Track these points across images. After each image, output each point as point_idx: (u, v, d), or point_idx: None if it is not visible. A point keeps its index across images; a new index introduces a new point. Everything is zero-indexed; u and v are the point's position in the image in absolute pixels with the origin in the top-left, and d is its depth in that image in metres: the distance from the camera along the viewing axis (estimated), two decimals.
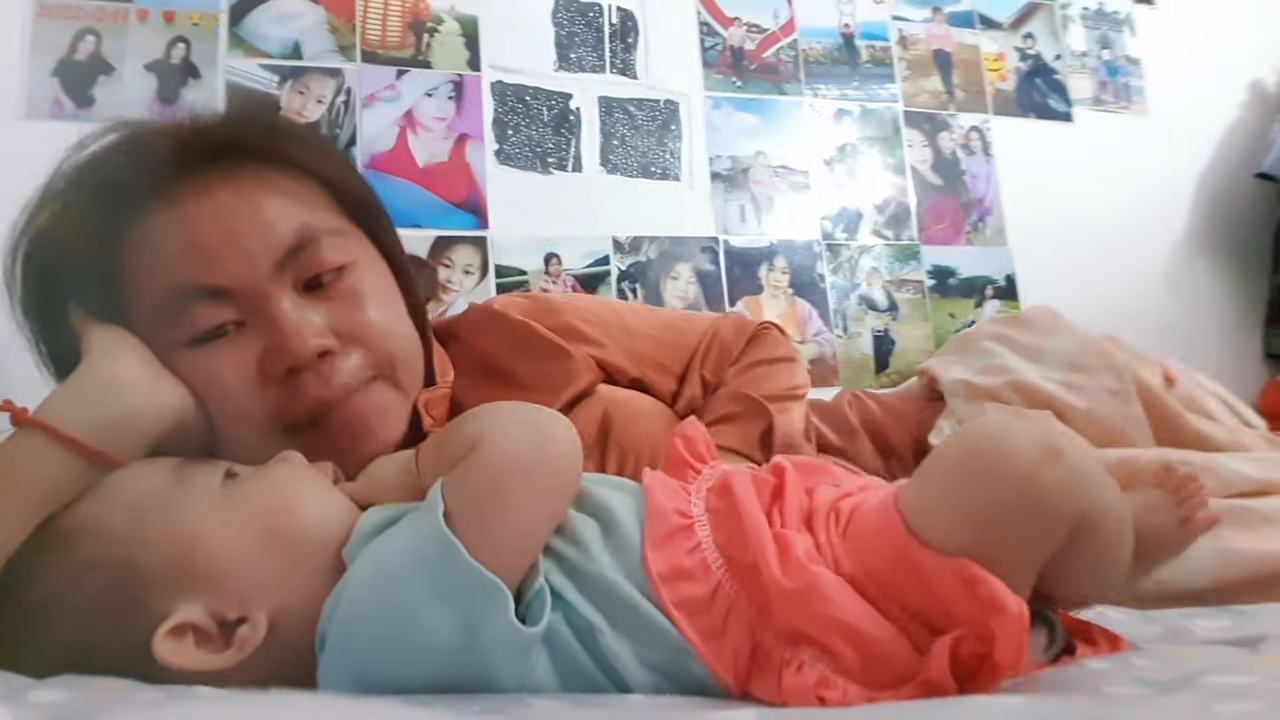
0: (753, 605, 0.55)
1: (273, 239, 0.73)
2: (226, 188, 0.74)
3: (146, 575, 0.55)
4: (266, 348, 0.71)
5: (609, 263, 1.86)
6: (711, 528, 0.58)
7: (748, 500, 0.58)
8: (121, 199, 0.73)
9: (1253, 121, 2.43)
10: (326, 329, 0.73)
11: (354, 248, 0.79)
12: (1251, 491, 0.90)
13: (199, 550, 0.56)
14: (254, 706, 0.45)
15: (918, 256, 2.11)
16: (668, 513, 0.58)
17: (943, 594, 0.52)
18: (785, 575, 0.54)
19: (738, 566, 0.56)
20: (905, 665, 0.52)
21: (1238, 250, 2.37)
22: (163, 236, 0.72)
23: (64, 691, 0.48)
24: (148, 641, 0.53)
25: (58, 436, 0.64)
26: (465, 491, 0.54)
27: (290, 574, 0.57)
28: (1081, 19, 2.40)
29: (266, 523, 0.58)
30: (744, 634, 0.55)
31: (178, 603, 0.55)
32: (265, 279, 0.72)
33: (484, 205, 1.81)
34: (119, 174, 0.74)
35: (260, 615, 0.55)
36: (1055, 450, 0.52)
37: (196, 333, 0.72)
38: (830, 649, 0.53)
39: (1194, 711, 0.44)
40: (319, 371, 0.72)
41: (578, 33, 1.96)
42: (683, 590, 0.55)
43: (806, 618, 0.53)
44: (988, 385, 1.06)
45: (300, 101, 1.74)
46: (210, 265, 0.71)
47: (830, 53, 2.16)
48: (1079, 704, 0.47)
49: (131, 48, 1.65)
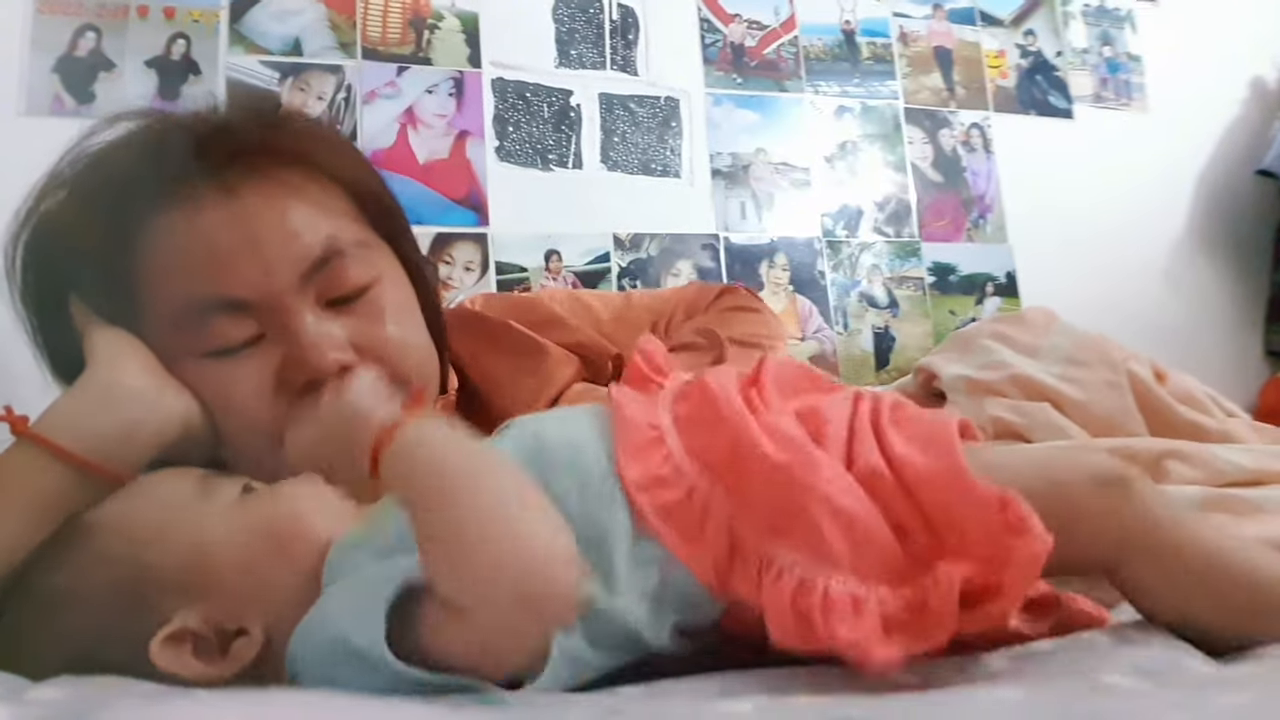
0: (730, 497, 0.55)
1: (298, 250, 0.71)
2: (251, 191, 0.71)
3: (157, 576, 0.56)
4: (286, 359, 0.70)
5: (609, 260, 1.86)
6: (681, 435, 0.58)
7: (724, 388, 0.59)
8: (135, 192, 0.70)
9: (1254, 118, 2.43)
10: (347, 343, 0.72)
11: (378, 260, 0.77)
12: (1245, 481, 0.91)
13: (207, 557, 0.57)
14: (253, 704, 0.45)
15: (918, 253, 2.11)
16: (639, 425, 0.58)
17: (967, 510, 0.52)
18: (777, 448, 0.55)
19: (712, 464, 0.56)
20: (895, 561, 0.53)
21: (1238, 247, 2.37)
22: (181, 239, 0.70)
23: (63, 690, 0.48)
24: (149, 641, 0.53)
25: (59, 453, 0.62)
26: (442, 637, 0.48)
27: (291, 587, 0.56)
28: (1082, 16, 2.40)
29: (273, 534, 0.58)
30: (722, 533, 0.55)
31: (181, 607, 0.55)
32: (288, 292, 0.70)
33: (484, 202, 1.81)
34: (134, 166, 0.71)
35: (258, 629, 0.55)
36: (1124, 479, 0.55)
37: (215, 346, 0.70)
38: (814, 534, 0.53)
39: (1190, 702, 0.44)
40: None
41: (578, 29, 1.96)
42: (660, 496, 0.56)
43: (794, 493, 0.53)
44: (988, 380, 1.07)
45: (301, 98, 1.74)
46: (232, 277, 0.69)
47: (831, 49, 2.16)
48: (1077, 696, 0.47)
49: (132, 44, 1.65)
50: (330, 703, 0.46)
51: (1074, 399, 1.03)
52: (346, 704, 0.46)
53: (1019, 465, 0.57)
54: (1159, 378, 1.05)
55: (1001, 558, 0.50)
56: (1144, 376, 1.04)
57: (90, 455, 0.63)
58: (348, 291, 0.73)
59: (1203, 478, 0.91)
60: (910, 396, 1.18)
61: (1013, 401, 1.04)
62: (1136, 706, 0.44)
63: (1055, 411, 1.02)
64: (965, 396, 1.08)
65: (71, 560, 0.58)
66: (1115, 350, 1.07)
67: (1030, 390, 1.04)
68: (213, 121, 0.75)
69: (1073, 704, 0.45)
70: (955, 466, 0.54)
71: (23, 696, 0.47)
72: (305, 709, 0.44)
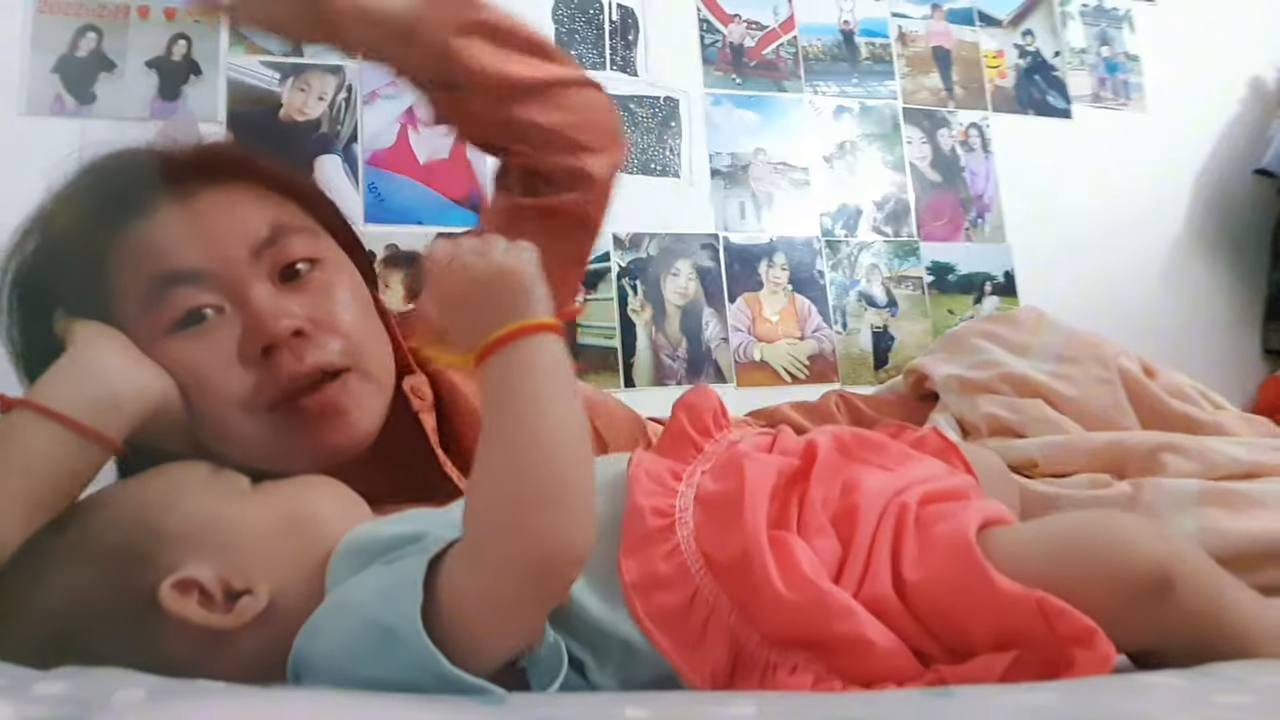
0: (736, 607, 0.53)
1: (249, 229, 0.77)
2: (206, 191, 0.78)
3: (165, 535, 0.58)
4: (244, 328, 0.74)
5: (609, 259, 1.87)
6: (695, 523, 0.56)
7: (755, 489, 0.55)
8: (105, 212, 0.76)
9: (1252, 118, 2.43)
10: (301, 315, 0.76)
11: (323, 245, 0.82)
12: (1240, 474, 0.91)
13: (222, 522, 0.60)
14: (255, 703, 0.45)
15: (917, 253, 2.11)
16: (644, 513, 0.56)
17: (1003, 616, 0.50)
18: (787, 586, 0.52)
19: (720, 567, 0.54)
20: (909, 673, 0.52)
21: (1236, 246, 2.37)
22: (145, 234, 0.76)
23: (67, 685, 0.48)
24: (150, 598, 0.55)
25: (48, 414, 0.66)
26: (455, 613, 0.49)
27: (298, 560, 0.58)
28: (1080, 16, 2.40)
29: (287, 509, 0.62)
30: (724, 640, 0.53)
31: (189, 561, 0.57)
32: (242, 264, 0.75)
33: (485, 202, 1.80)
34: (101, 190, 0.78)
35: (264, 590, 0.57)
36: (1167, 581, 0.52)
37: (177, 316, 0.74)
38: (826, 657, 0.52)
39: (1193, 702, 0.44)
40: (293, 349, 0.74)
41: (578, 30, 1.96)
42: (656, 600, 0.53)
43: (809, 629, 0.51)
44: (979, 379, 1.07)
45: (302, 99, 1.74)
46: (188, 251, 0.75)
47: (830, 50, 2.16)
48: (1077, 692, 0.47)
49: (133, 44, 1.65)
50: (333, 703, 0.47)
51: (1066, 395, 1.03)
52: (350, 703, 0.47)
53: (1043, 563, 0.53)
54: (1148, 373, 1.05)
55: (1064, 663, 0.49)
56: (1135, 372, 1.04)
57: (77, 418, 0.66)
58: (296, 260, 0.78)
59: (1198, 470, 0.91)
60: (902, 399, 1.19)
61: (1006, 398, 1.04)
62: (1141, 703, 0.44)
63: (1048, 407, 1.02)
64: (958, 396, 1.09)
65: (80, 523, 0.61)
66: (1105, 347, 1.07)
67: (1022, 388, 1.05)
68: (166, 150, 0.82)
69: (1074, 699, 0.45)
70: (979, 579, 0.52)
71: (27, 692, 0.47)
72: (309, 709, 0.45)
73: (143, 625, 0.56)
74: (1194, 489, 0.87)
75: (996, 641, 0.51)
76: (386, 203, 1.74)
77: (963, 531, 0.54)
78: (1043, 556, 0.53)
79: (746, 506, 0.55)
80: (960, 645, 0.52)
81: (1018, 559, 0.53)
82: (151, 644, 0.56)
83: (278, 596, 0.57)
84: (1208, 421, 1.00)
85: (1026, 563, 0.52)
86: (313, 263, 0.79)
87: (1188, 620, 0.54)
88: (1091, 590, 0.51)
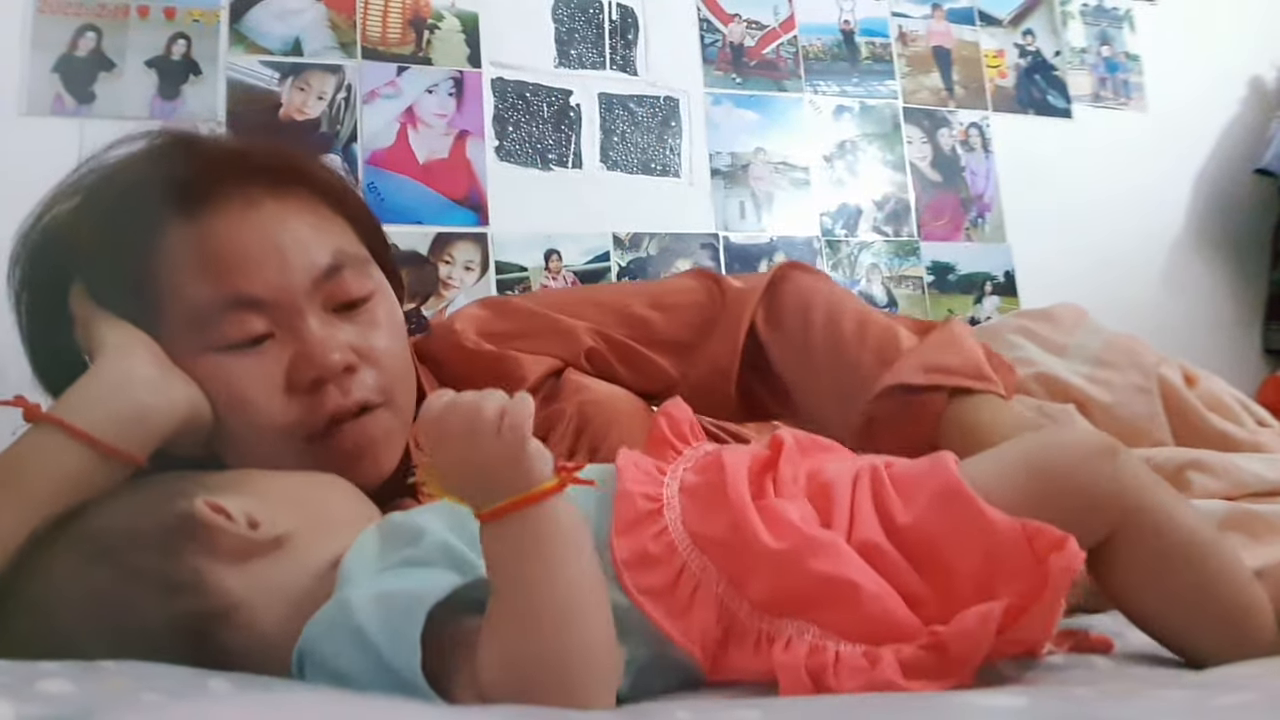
0: (724, 577, 0.55)
1: (312, 258, 0.76)
2: (271, 203, 0.77)
3: (202, 480, 0.62)
4: (295, 356, 0.74)
5: (609, 259, 1.87)
6: (682, 509, 0.59)
7: (734, 470, 0.59)
8: (153, 201, 0.75)
9: (1252, 117, 2.43)
10: (349, 346, 0.76)
11: (374, 275, 0.82)
12: (1266, 492, 0.88)
13: (249, 478, 0.64)
14: (259, 705, 0.45)
15: (917, 253, 2.11)
16: (635, 498, 0.59)
17: (993, 547, 0.53)
18: (775, 538, 0.55)
19: (708, 543, 0.57)
20: (904, 623, 0.53)
21: (1237, 246, 2.38)
22: (205, 241, 0.74)
23: (70, 684, 0.48)
24: (187, 516, 0.58)
25: (74, 433, 0.66)
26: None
27: (315, 520, 0.62)
28: (1081, 15, 2.40)
29: (312, 479, 0.67)
30: (712, 608, 0.55)
31: (221, 496, 0.60)
32: (300, 294, 0.75)
33: (484, 202, 1.81)
34: (152, 176, 0.76)
35: (284, 531, 0.60)
36: (1113, 445, 0.58)
37: (229, 342, 0.74)
38: (821, 612, 0.53)
39: (1193, 705, 0.44)
40: (341, 384, 0.74)
41: (578, 29, 1.96)
42: (646, 577, 0.56)
43: (796, 578, 0.54)
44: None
45: (301, 98, 1.74)
46: (253, 276, 0.74)
47: (830, 49, 2.16)
48: (1077, 696, 0.48)
49: (132, 44, 1.65)
50: (333, 702, 0.47)
51: (1101, 401, 0.99)
52: (352, 703, 0.47)
53: (1012, 472, 0.58)
54: (1189, 381, 1.01)
55: (1041, 581, 0.52)
56: (1175, 382, 1.00)
57: (103, 437, 0.67)
58: (351, 300, 0.78)
59: (1224, 488, 0.88)
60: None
61: (1038, 402, 1.00)
62: (1140, 707, 0.44)
63: (1080, 415, 0.98)
64: None
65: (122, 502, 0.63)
66: (1146, 353, 1.03)
67: (1056, 390, 1.01)
68: (228, 144, 0.82)
69: (1074, 703, 0.45)
70: (974, 515, 0.55)
71: (30, 689, 0.47)
72: (313, 709, 0.45)
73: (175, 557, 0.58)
74: (1219, 512, 0.84)
75: (980, 575, 0.54)
76: (386, 202, 1.74)
77: (950, 472, 0.57)
78: (1009, 479, 0.57)
79: (730, 485, 0.58)
80: (942, 584, 0.55)
81: (987, 490, 0.56)
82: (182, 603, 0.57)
83: (293, 540, 0.60)
84: (1245, 440, 0.96)
85: (996, 490, 0.56)
86: (365, 298, 0.79)
87: (1141, 485, 0.58)
88: (1049, 474, 0.57)
